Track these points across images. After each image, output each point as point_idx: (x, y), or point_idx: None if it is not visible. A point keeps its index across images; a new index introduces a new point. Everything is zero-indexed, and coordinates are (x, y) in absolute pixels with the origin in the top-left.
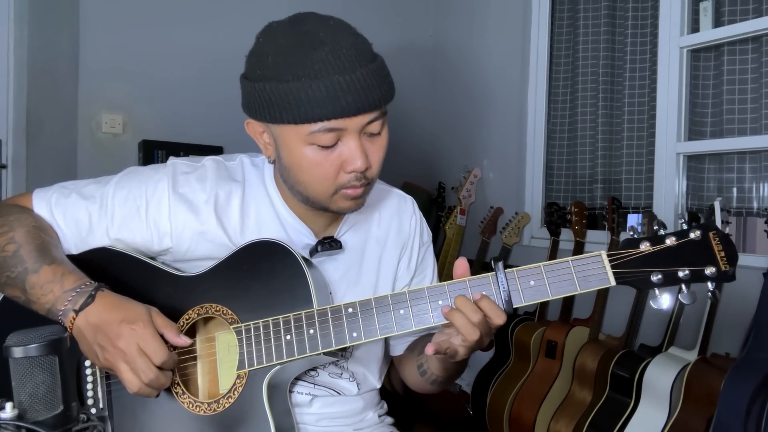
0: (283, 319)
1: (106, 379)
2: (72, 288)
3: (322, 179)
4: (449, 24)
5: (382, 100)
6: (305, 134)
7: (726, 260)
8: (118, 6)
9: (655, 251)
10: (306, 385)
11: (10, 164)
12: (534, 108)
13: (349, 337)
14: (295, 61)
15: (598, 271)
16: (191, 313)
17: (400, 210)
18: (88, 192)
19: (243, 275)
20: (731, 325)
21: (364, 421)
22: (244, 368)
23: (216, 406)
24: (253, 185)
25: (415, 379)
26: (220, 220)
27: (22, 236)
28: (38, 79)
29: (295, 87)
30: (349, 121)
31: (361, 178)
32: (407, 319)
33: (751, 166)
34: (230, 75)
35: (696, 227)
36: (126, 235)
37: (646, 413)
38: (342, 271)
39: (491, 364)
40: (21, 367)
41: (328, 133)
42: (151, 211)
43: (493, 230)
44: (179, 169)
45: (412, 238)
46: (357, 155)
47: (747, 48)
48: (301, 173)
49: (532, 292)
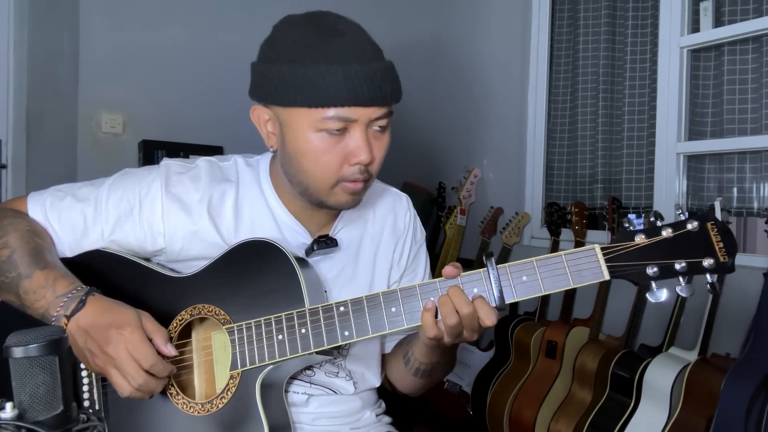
0: (275, 318)
1: (102, 381)
2: (63, 293)
3: (325, 168)
4: (449, 24)
5: (392, 97)
6: (317, 119)
7: (725, 251)
8: (118, 6)
9: (651, 243)
10: (302, 385)
11: (10, 164)
12: (534, 108)
13: (341, 336)
14: (314, 46)
15: (591, 265)
16: (184, 314)
17: (394, 207)
18: (83, 194)
19: (235, 275)
20: (731, 325)
21: (361, 421)
22: (237, 368)
23: (209, 407)
24: (247, 184)
25: (400, 373)
26: (213, 220)
27: (16, 241)
28: (38, 79)
29: (312, 71)
30: (361, 112)
31: (363, 172)
32: (399, 316)
33: (751, 166)
34: (230, 75)
35: (693, 218)
36: (120, 235)
37: (646, 413)
38: (338, 269)
39: (491, 365)
40: (21, 367)
41: (339, 122)
42: (145, 212)
43: (493, 230)
44: (172, 170)
45: (405, 234)
46: (363, 147)
47: (747, 48)
48: (305, 160)
49: (524, 287)
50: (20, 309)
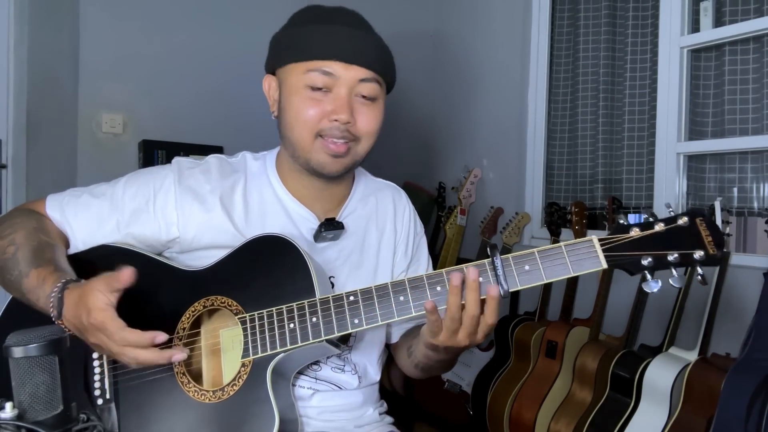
0: (287, 308)
1: (113, 370)
2: (50, 293)
3: (306, 121)
4: (449, 24)
5: (377, 64)
6: (302, 73)
7: (713, 244)
8: (118, 6)
9: (645, 236)
10: (308, 380)
11: (10, 164)
12: (534, 108)
13: (351, 323)
14: (311, 13)
15: (590, 255)
16: (197, 305)
17: (395, 200)
18: (99, 191)
19: (247, 269)
20: (731, 325)
21: (363, 418)
22: (248, 356)
23: (221, 394)
24: (256, 175)
25: (404, 361)
26: (225, 208)
27: (22, 238)
28: (38, 79)
29: (302, 30)
30: (342, 70)
31: (343, 131)
32: (407, 305)
33: (752, 166)
34: (230, 75)
35: (683, 214)
36: (136, 228)
37: (646, 413)
38: (345, 256)
39: (491, 365)
40: (21, 367)
41: (322, 76)
42: (159, 203)
43: (493, 230)
44: (184, 165)
45: (407, 227)
46: (342, 105)
47: (748, 48)
48: (290, 114)
49: (527, 276)
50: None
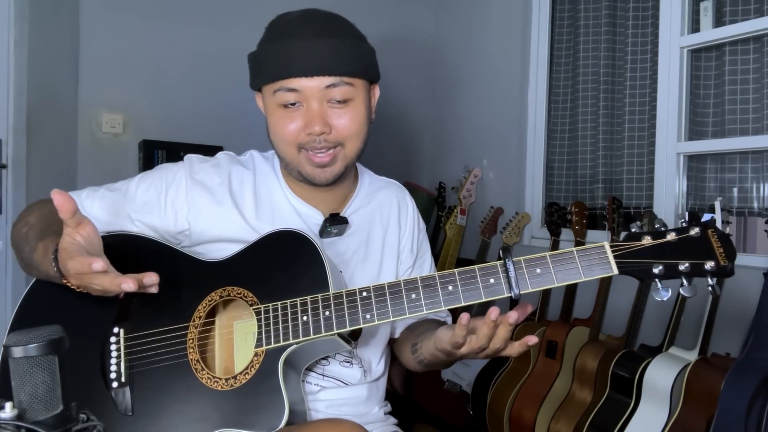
0: (301, 301)
1: (129, 355)
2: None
3: (285, 137)
4: (449, 25)
5: (342, 67)
6: (272, 93)
7: (725, 256)
8: (118, 6)
9: (656, 245)
10: (315, 376)
11: (10, 164)
12: (534, 108)
13: (363, 319)
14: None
15: (601, 261)
16: (214, 295)
17: (398, 197)
18: (115, 187)
19: (264, 262)
20: (731, 325)
21: (369, 416)
22: (261, 346)
23: (233, 382)
24: (264, 173)
25: (406, 355)
26: (235, 201)
27: (35, 219)
28: (38, 79)
29: (264, 50)
30: (305, 82)
31: (321, 141)
32: (419, 302)
33: (752, 166)
34: (230, 75)
35: (695, 224)
36: (147, 218)
37: (646, 413)
38: (351, 251)
39: (491, 364)
40: (20, 367)
41: (288, 93)
42: (170, 196)
43: (493, 230)
44: (195, 160)
45: (412, 224)
46: (313, 118)
47: (748, 48)
48: (273, 132)
49: (538, 279)
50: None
